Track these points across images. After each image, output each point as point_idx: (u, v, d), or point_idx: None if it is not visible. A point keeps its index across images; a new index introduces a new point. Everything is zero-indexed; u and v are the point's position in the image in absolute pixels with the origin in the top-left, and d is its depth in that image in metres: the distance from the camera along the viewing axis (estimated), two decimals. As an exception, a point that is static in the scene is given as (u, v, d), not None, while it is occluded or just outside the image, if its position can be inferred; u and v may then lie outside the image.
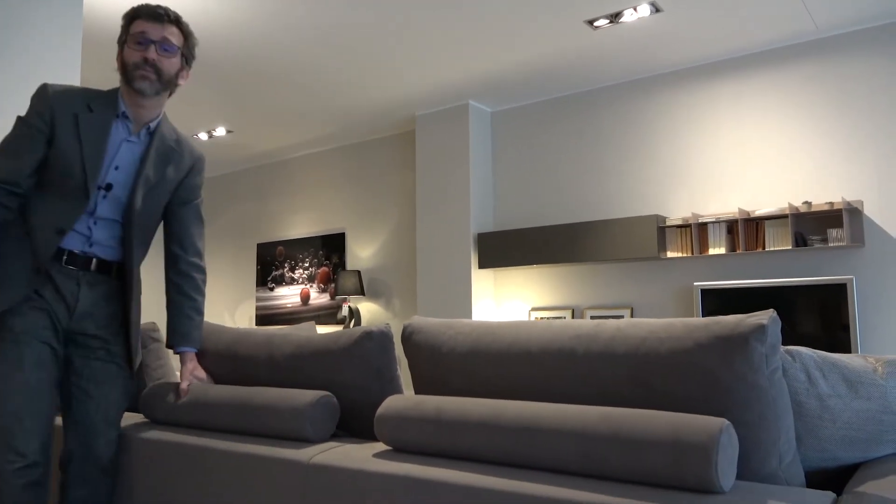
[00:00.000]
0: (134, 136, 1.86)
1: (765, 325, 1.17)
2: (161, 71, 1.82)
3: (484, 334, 1.49)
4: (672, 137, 5.05)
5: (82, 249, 1.82)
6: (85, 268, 1.82)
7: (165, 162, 1.92)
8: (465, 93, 5.56)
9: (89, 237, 1.82)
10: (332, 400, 1.64)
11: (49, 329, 1.77)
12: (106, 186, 1.82)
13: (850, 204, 4.25)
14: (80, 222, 1.81)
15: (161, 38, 1.82)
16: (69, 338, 1.84)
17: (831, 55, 4.48)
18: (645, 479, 1.14)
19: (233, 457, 1.61)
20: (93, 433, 1.80)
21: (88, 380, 1.82)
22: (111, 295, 1.88)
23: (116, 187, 1.83)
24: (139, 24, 1.82)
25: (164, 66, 1.83)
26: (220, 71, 5.02)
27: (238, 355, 1.87)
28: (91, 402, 1.81)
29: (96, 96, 1.83)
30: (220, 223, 8.15)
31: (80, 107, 1.80)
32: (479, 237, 5.62)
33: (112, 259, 1.87)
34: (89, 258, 1.83)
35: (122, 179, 1.84)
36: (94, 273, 1.84)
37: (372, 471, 1.37)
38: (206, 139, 6.70)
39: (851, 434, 1.31)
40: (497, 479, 1.24)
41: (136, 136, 1.87)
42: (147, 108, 1.86)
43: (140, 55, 1.80)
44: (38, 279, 1.77)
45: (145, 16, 1.82)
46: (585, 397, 1.33)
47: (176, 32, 1.86)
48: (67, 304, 1.80)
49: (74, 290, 1.81)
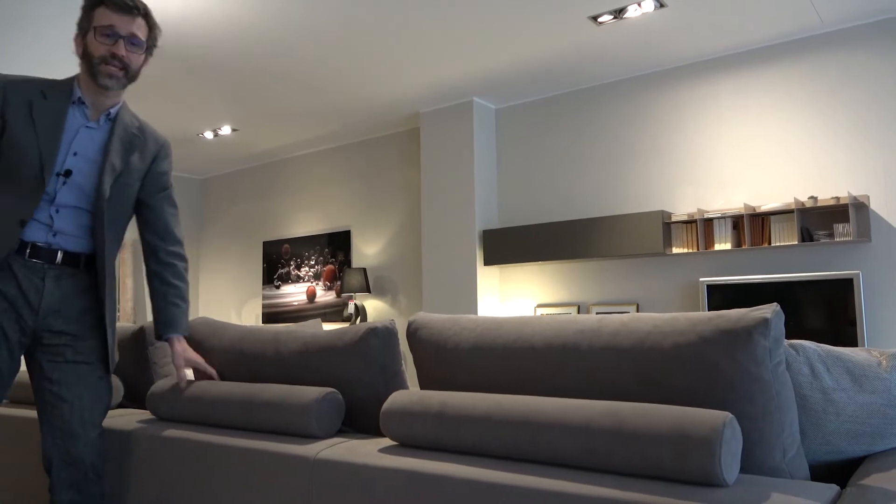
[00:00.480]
0: (93, 123, 1.81)
1: (768, 319, 1.17)
2: (128, 66, 1.78)
3: (488, 330, 1.50)
4: (677, 133, 5.04)
5: (46, 241, 1.75)
6: (50, 261, 1.75)
7: (129, 150, 1.87)
8: (469, 90, 5.56)
9: (51, 226, 1.76)
10: (338, 396, 1.65)
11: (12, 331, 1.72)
12: (65, 173, 1.75)
13: (857, 198, 4.24)
14: (41, 210, 1.74)
15: (129, 34, 1.76)
16: (36, 338, 1.77)
17: (836, 49, 4.47)
18: (649, 473, 1.14)
19: (239, 453, 1.62)
20: (71, 437, 1.75)
21: (60, 384, 1.76)
22: (81, 289, 1.81)
23: (77, 174, 1.77)
24: (107, 14, 1.74)
25: (131, 61, 1.78)
26: (224, 70, 5.03)
27: (244, 352, 1.89)
28: (65, 405, 1.75)
29: (52, 84, 1.78)
30: (225, 221, 8.17)
31: (35, 94, 1.75)
32: (484, 234, 5.62)
33: (80, 251, 1.80)
34: (54, 251, 1.76)
35: (82, 166, 1.78)
36: (60, 266, 1.77)
37: (377, 465, 1.38)
38: (211, 138, 6.72)
39: (856, 427, 1.31)
40: (502, 473, 1.24)
41: (95, 122, 1.81)
42: (108, 97, 1.82)
43: (107, 49, 1.74)
44: None
45: (114, 6, 1.75)
46: (589, 392, 1.33)
47: (143, 25, 1.80)
48: (30, 301, 1.73)
49: (39, 285, 1.74)
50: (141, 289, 7.63)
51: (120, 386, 2.30)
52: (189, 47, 4.62)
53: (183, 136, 6.71)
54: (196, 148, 7.14)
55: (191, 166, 7.95)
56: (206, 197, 8.44)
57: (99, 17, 1.75)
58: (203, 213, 8.45)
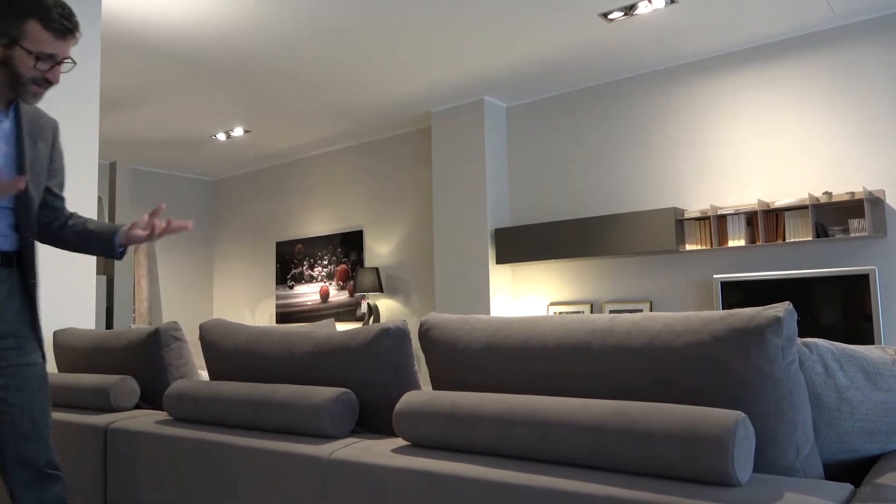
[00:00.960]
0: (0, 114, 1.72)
1: (780, 318, 1.17)
2: (53, 84, 1.72)
3: (499, 330, 1.50)
4: (689, 129, 5.01)
5: None
6: None
7: (35, 139, 1.80)
8: (479, 88, 5.56)
9: None
10: (352, 396, 1.66)
11: None
12: None
13: (872, 194, 4.20)
14: None
15: (66, 57, 1.70)
16: None
17: (849, 43, 4.42)
18: (660, 473, 1.14)
19: (253, 453, 1.63)
20: (23, 440, 1.71)
21: (7, 389, 1.71)
22: (16, 290, 1.75)
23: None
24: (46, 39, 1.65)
25: (57, 79, 1.72)
26: (236, 72, 5.06)
27: (258, 353, 1.90)
28: (15, 410, 1.71)
29: None
30: (238, 222, 8.22)
31: None
32: (496, 232, 5.62)
33: (10, 249, 1.74)
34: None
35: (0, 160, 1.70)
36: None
37: (390, 466, 1.39)
38: (224, 139, 6.77)
39: (870, 426, 1.30)
40: (513, 472, 1.25)
41: (3, 113, 1.73)
42: None
43: (41, 74, 1.67)
44: None
45: (55, 30, 1.65)
46: (601, 392, 1.33)
47: None
48: None
49: None
50: (157, 290, 7.70)
51: (136, 388, 2.33)
52: (199, 49, 4.66)
53: (195, 138, 6.76)
54: (208, 149, 7.19)
55: (203, 168, 8.00)
56: (219, 198, 8.49)
57: (35, 36, 1.64)
58: (216, 215, 8.51)
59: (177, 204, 8.15)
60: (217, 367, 2.02)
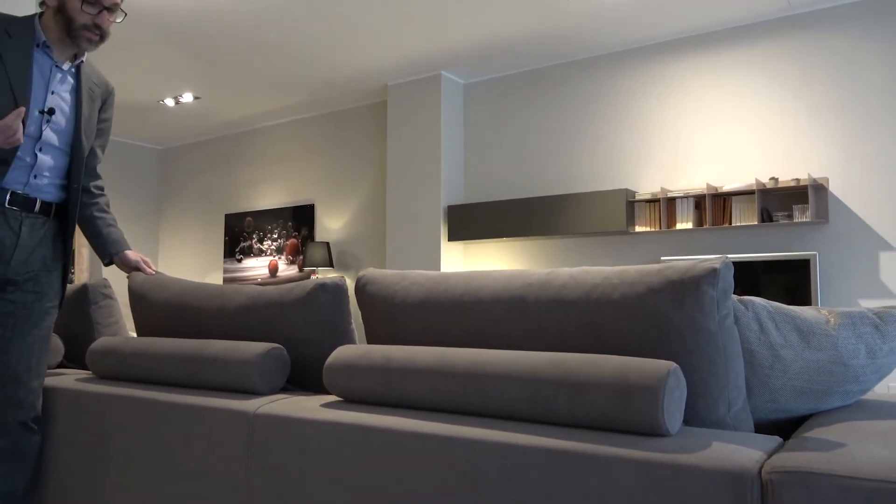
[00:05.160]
0: (63, 64, 1.85)
1: (717, 269, 1.15)
2: (105, 33, 1.84)
3: (436, 284, 1.46)
4: (641, 113, 5.04)
5: (25, 186, 1.78)
6: (28, 209, 1.80)
7: (92, 101, 1.94)
8: (437, 63, 5.48)
9: (33, 166, 1.78)
10: (283, 352, 1.60)
11: None
12: (48, 111, 1.78)
13: (816, 181, 4.29)
14: (25, 148, 1.76)
15: (113, 4, 1.82)
16: None
17: (801, 33, 4.49)
18: (593, 424, 1.12)
19: (178, 409, 1.56)
20: (13, 383, 1.75)
21: (13, 329, 1.77)
22: (50, 237, 1.86)
23: (59, 114, 1.82)
24: None
25: (109, 28, 1.85)
26: (188, 33, 4.88)
27: (189, 306, 1.82)
28: (13, 352, 1.77)
29: (12, 22, 1.80)
30: (187, 193, 7.99)
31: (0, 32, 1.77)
32: (449, 209, 5.58)
33: (52, 199, 1.86)
34: (32, 199, 1.80)
35: (62, 106, 1.83)
36: (36, 215, 1.81)
37: (318, 419, 1.34)
38: (172, 105, 6.54)
39: (802, 385, 1.30)
40: (445, 425, 1.21)
41: (65, 66, 1.86)
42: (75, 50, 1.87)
43: (91, 19, 1.79)
44: None
45: None
46: (537, 346, 1.30)
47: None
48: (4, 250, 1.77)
49: (14, 234, 1.78)
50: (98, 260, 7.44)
51: (60, 346, 2.22)
52: (149, 6, 4.46)
53: (141, 103, 6.52)
54: (156, 115, 6.95)
55: (150, 135, 7.74)
56: (166, 168, 8.23)
57: None
58: (163, 185, 8.25)
59: (122, 173, 7.87)
60: (145, 323, 1.94)
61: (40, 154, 1.79)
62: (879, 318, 1.36)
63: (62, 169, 1.86)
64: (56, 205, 1.87)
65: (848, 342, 1.31)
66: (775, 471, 0.93)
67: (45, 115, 1.78)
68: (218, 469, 1.47)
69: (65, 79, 1.86)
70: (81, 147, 1.86)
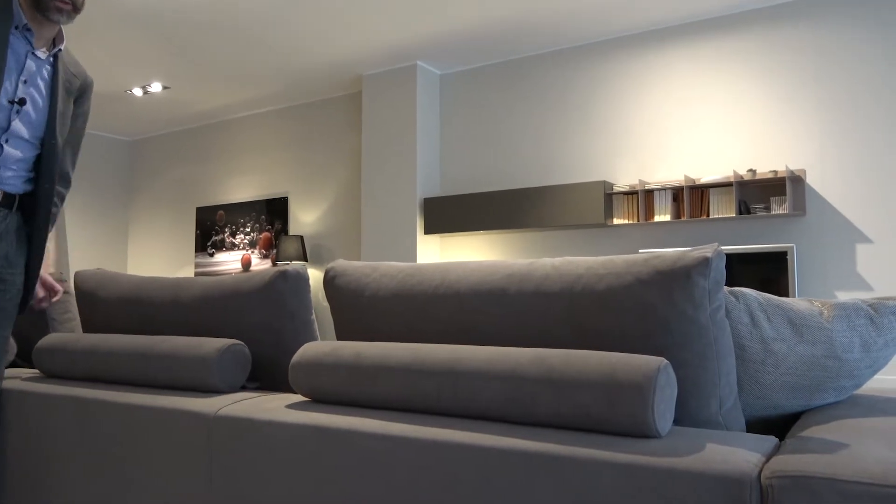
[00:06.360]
0: (39, 52, 1.74)
1: (709, 259, 1.08)
2: (78, 3, 1.71)
3: (410, 276, 1.37)
4: (620, 104, 4.99)
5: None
6: None
7: (68, 92, 1.83)
8: (413, 53, 5.38)
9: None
10: (243, 348, 1.50)
11: None
12: (19, 101, 1.68)
13: (794, 173, 4.27)
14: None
15: None
16: None
17: (779, 25, 4.47)
18: (577, 424, 1.04)
19: (132, 410, 1.45)
20: None
21: None
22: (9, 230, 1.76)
23: (30, 104, 1.71)
24: None
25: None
26: (157, 21, 4.71)
27: (141, 300, 1.71)
28: None
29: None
30: (157, 186, 7.80)
31: None
32: (425, 202, 5.48)
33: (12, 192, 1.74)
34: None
35: (35, 96, 1.73)
36: None
37: (282, 421, 1.24)
38: (140, 95, 6.36)
39: (794, 380, 1.24)
40: (419, 427, 1.12)
41: (42, 52, 1.75)
42: (53, 29, 1.75)
43: None
44: None
45: None
46: (518, 340, 1.22)
47: None
48: None
49: None
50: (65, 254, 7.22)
51: (13, 344, 2.09)
52: (111, -9, 4.30)
53: (107, 92, 6.32)
54: (124, 106, 6.75)
55: (118, 126, 7.53)
56: (136, 160, 8.02)
57: None
58: (132, 177, 8.04)
59: (89, 165, 7.65)
60: (94, 319, 1.82)
61: (6, 146, 1.68)
62: (874, 309, 1.30)
63: (30, 161, 1.76)
64: (20, 197, 1.76)
65: (842, 335, 1.25)
66: (776, 475, 0.86)
67: (14, 106, 1.68)
68: (175, 474, 1.37)
69: (41, 68, 1.75)
70: (54, 141, 1.76)
